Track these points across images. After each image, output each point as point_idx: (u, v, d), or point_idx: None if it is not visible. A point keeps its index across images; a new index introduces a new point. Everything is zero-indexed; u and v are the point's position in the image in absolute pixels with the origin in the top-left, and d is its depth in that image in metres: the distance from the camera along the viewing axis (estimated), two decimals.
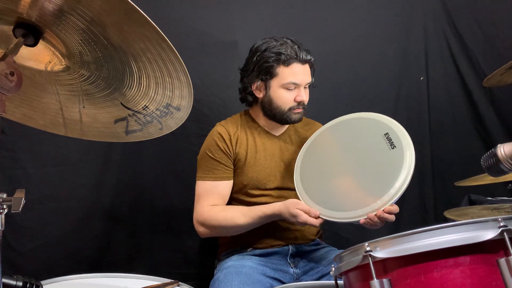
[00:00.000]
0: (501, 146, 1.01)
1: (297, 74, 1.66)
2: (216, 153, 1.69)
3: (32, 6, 0.90)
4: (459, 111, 2.52)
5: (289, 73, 1.66)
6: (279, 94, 1.68)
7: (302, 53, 1.66)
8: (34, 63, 1.07)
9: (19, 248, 1.84)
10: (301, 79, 1.67)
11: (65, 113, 1.16)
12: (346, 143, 1.61)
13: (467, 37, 2.49)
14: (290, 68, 1.66)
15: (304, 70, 1.68)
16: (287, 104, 1.69)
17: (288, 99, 1.68)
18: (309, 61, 1.69)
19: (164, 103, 1.09)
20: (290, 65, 1.65)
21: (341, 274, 1.05)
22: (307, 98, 1.72)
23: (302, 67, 1.67)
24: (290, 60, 1.65)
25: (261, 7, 2.32)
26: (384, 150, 1.49)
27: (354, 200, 1.46)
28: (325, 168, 1.59)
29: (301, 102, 1.68)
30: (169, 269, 2.08)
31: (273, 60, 1.66)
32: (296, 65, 1.66)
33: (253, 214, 1.58)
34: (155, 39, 0.89)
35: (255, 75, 1.71)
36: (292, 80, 1.66)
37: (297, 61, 1.66)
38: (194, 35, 2.18)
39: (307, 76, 1.69)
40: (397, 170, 1.44)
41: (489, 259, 0.86)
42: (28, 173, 1.87)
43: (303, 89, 1.69)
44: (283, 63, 1.65)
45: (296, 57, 1.65)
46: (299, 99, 1.68)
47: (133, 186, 2.10)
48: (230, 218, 1.61)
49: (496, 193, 2.19)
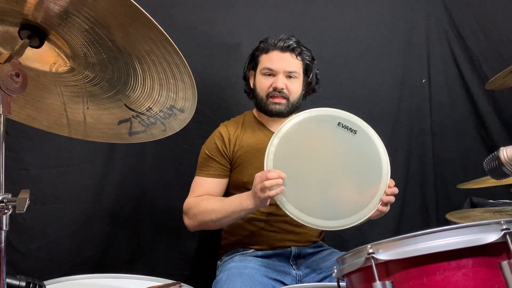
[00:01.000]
0: (504, 149, 1.01)
1: (273, 60, 1.72)
2: (213, 151, 1.75)
3: (37, 8, 0.91)
4: (461, 114, 2.52)
5: (266, 59, 1.74)
6: (259, 80, 1.76)
7: (282, 42, 1.72)
8: (39, 65, 1.07)
9: (21, 248, 1.84)
10: (277, 65, 1.71)
11: (69, 114, 1.17)
12: (310, 148, 1.49)
13: (469, 40, 2.49)
14: (268, 55, 1.74)
15: (283, 57, 1.72)
16: (264, 91, 1.74)
17: (265, 85, 1.74)
18: (290, 49, 1.72)
19: (168, 105, 1.09)
20: (268, 52, 1.74)
21: (344, 276, 1.05)
22: (292, 90, 1.73)
23: (281, 54, 1.72)
24: (268, 48, 1.74)
25: (264, 9, 2.32)
26: (349, 139, 1.48)
27: (357, 199, 1.45)
28: (306, 179, 1.47)
29: (277, 88, 1.70)
30: (171, 270, 2.08)
31: (257, 49, 1.78)
32: (274, 52, 1.73)
33: (228, 200, 1.60)
34: (160, 41, 0.90)
35: (248, 66, 1.84)
36: (267, 65, 1.73)
37: (275, 49, 1.73)
38: (197, 37, 2.18)
39: (285, 63, 1.72)
40: (375, 152, 1.47)
41: (492, 262, 0.86)
42: (31, 173, 1.87)
43: (281, 76, 1.72)
44: (263, 51, 1.76)
45: (274, 45, 1.73)
46: (274, 85, 1.71)
47: (135, 187, 2.10)
48: (208, 204, 1.64)
49: (498, 196, 2.19)
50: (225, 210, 1.58)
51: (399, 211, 2.43)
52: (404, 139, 2.49)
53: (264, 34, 1.83)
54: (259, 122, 1.82)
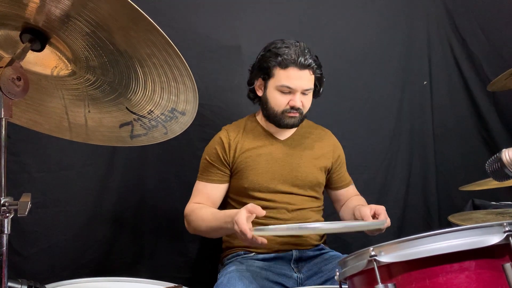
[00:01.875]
0: (506, 151, 1.01)
1: (292, 78, 1.66)
2: (213, 157, 1.74)
3: (39, 12, 0.91)
4: (463, 116, 2.52)
5: (284, 76, 1.66)
6: (274, 95, 1.70)
7: (301, 58, 1.65)
8: (41, 68, 1.08)
9: (23, 252, 1.84)
10: (296, 84, 1.66)
11: (70, 117, 1.17)
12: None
13: (470, 42, 2.49)
14: (286, 71, 1.66)
15: (301, 76, 1.66)
16: (280, 107, 1.69)
17: (282, 102, 1.69)
18: (309, 66, 1.67)
19: (169, 108, 1.09)
20: (286, 68, 1.66)
21: (346, 279, 1.05)
22: (306, 105, 1.72)
23: (299, 72, 1.66)
24: (287, 63, 1.65)
25: (265, 12, 2.32)
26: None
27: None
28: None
29: (295, 107, 1.68)
30: (173, 273, 2.08)
31: (272, 61, 1.68)
32: (293, 69, 1.65)
33: (218, 215, 1.59)
34: (161, 44, 0.90)
35: (257, 73, 1.75)
36: (285, 83, 1.66)
37: (294, 65, 1.65)
38: (197, 40, 2.18)
39: (304, 82, 1.67)
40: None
41: (495, 264, 0.86)
42: (32, 177, 1.87)
43: (299, 94, 1.67)
44: (280, 65, 1.66)
45: (293, 61, 1.65)
46: (292, 103, 1.67)
47: (137, 190, 2.10)
48: (202, 215, 1.64)
49: (500, 198, 2.19)
50: (213, 224, 1.59)
51: (401, 214, 2.42)
52: (405, 141, 2.49)
53: (265, 37, 1.82)
54: (262, 127, 1.81)
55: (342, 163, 1.88)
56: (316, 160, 1.78)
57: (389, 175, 2.44)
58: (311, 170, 1.76)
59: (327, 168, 1.81)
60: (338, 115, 2.36)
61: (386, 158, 2.45)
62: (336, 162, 1.84)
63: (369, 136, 2.43)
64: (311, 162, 1.77)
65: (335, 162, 1.84)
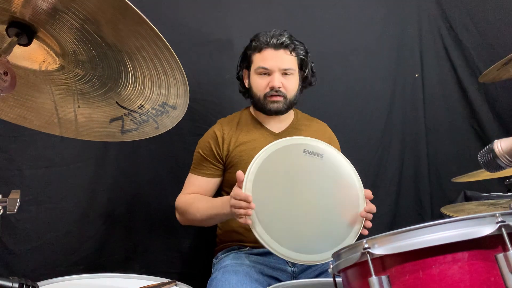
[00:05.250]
0: (498, 142, 1.01)
1: (267, 59, 1.69)
2: (206, 151, 1.75)
3: (25, 5, 0.89)
4: (454, 108, 2.53)
5: (259, 58, 1.71)
6: (254, 80, 1.73)
7: (274, 39, 1.68)
8: (28, 63, 1.06)
9: (15, 249, 1.82)
10: (271, 64, 1.68)
11: (60, 113, 1.15)
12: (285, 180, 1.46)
13: (461, 34, 2.50)
14: (261, 53, 1.71)
15: (277, 55, 1.69)
16: (261, 91, 1.71)
17: (261, 85, 1.71)
18: (283, 45, 1.69)
19: (160, 102, 1.08)
20: (261, 50, 1.70)
21: (339, 271, 1.05)
22: (289, 87, 1.71)
23: (275, 52, 1.69)
24: (261, 46, 1.70)
25: (256, 6, 2.31)
26: (319, 163, 1.46)
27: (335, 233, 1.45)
28: (285, 213, 1.43)
29: (274, 87, 1.68)
30: (167, 269, 2.07)
31: (249, 48, 1.74)
32: (268, 50, 1.69)
33: (215, 202, 1.59)
34: (150, 37, 0.89)
35: (241, 65, 1.80)
36: (261, 64, 1.69)
37: (268, 47, 1.69)
38: (189, 34, 2.17)
39: (280, 61, 1.69)
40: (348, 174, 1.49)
41: (487, 254, 0.86)
42: (23, 174, 1.85)
43: (277, 75, 1.69)
44: (255, 49, 1.72)
45: (267, 43, 1.69)
46: (271, 84, 1.69)
47: (129, 186, 2.09)
48: (197, 203, 1.65)
49: (491, 189, 2.21)
50: (209, 212, 1.59)
51: (394, 206, 2.44)
52: (398, 134, 2.50)
53: (257, 31, 1.81)
54: (256, 121, 1.81)
55: None
56: None
57: (381, 167, 2.45)
58: None
59: None
60: (330, 108, 2.36)
61: (379, 151, 2.46)
62: None
63: (361, 129, 2.44)
64: None
65: None
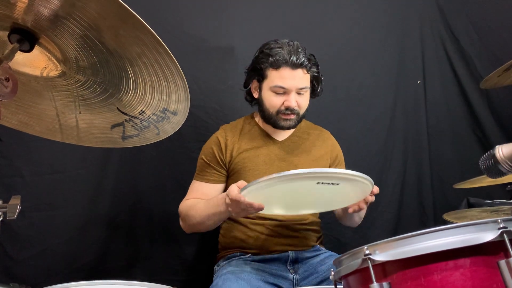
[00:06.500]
0: (500, 148, 1.00)
1: (285, 78, 1.65)
2: (210, 157, 1.74)
3: (27, 12, 0.90)
4: (457, 114, 2.52)
5: (277, 77, 1.66)
6: (268, 96, 1.70)
7: (293, 57, 1.64)
8: (30, 69, 1.06)
9: (16, 256, 1.82)
10: (289, 84, 1.65)
11: (61, 119, 1.16)
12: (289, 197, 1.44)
13: (463, 40, 2.50)
14: (279, 71, 1.66)
15: (295, 75, 1.66)
16: (275, 108, 1.69)
17: (276, 103, 1.68)
18: (302, 65, 1.66)
19: (161, 108, 1.08)
20: (279, 68, 1.65)
21: (341, 278, 1.04)
22: (302, 105, 1.70)
23: (292, 72, 1.65)
24: (279, 64, 1.65)
25: (258, 13, 2.32)
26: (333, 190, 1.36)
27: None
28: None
29: (289, 107, 1.67)
30: (168, 276, 2.06)
31: (264, 62, 1.68)
32: (285, 69, 1.65)
33: (211, 201, 1.58)
34: (150, 43, 0.89)
35: (251, 75, 1.75)
36: (279, 84, 1.66)
37: (286, 65, 1.64)
38: (191, 41, 2.18)
39: (298, 81, 1.66)
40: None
41: (490, 261, 0.86)
42: (25, 180, 1.86)
43: (293, 94, 1.67)
44: (272, 65, 1.66)
45: (285, 61, 1.64)
46: (287, 104, 1.66)
47: (131, 192, 2.09)
48: (195, 207, 1.63)
49: (494, 196, 2.19)
50: (206, 211, 1.58)
51: (396, 212, 2.42)
52: (400, 141, 2.49)
53: (259, 37, 1.81)
54: (260, 129, 1.80)
55: (341, 163, 1.87)
56: (314, 161, 1.77)
57: (383, 174, 2.44)
58: None
59: None
60: (332, 115, 2.36)
61: (381, 157, 2.45)
62: (334, 162, 1.84)
63: (364, 136, 2.43)
64: (309, 163, 1.76)
65: (333, 163, 1.83)
